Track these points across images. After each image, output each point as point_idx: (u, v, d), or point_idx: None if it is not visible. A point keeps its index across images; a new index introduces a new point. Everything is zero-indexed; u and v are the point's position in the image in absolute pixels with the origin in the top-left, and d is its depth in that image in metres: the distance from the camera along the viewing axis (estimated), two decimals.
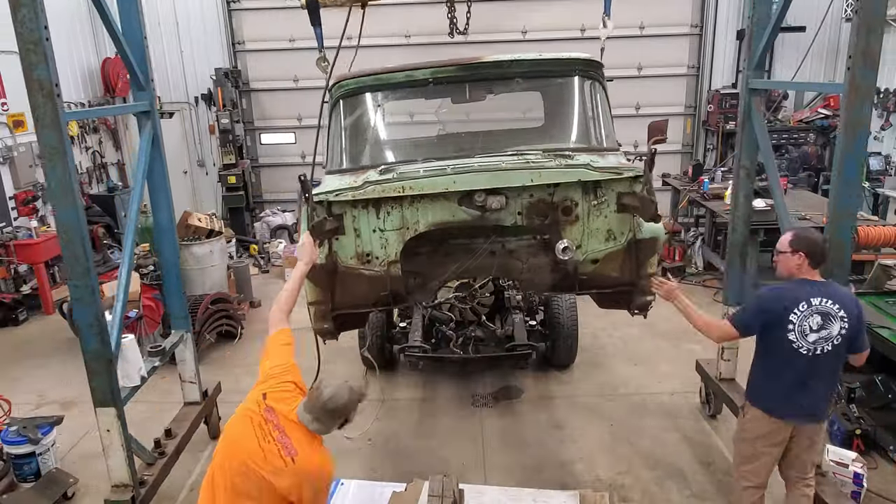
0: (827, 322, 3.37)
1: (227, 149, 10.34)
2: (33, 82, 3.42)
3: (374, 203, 3.65)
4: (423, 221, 3.67)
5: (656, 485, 4.55)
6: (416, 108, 5.14)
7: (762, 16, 4.81)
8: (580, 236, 3.77)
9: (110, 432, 3.93)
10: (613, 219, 3.75)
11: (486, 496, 3.97)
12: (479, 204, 3.54)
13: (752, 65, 4.82)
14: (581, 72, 4.49)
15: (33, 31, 3.32)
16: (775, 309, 3.42)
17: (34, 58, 3.38)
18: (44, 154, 3.49)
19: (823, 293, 3.39)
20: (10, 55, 8.74)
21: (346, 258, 3.77)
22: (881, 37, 3.40)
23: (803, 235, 3.54)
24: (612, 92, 4.76)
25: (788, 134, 11.14)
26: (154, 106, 4.73)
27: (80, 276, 3.70)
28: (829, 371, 3.48)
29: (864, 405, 4.97)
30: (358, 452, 5.05)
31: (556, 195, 3.68)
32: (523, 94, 4.85)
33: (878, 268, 5.94)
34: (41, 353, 7.03)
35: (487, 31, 10.74)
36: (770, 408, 3.53)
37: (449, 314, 5.80)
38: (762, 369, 3.60)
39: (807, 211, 7.55)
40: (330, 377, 3.06)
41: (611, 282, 3.92)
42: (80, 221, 3.58)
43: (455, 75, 4.31)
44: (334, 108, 4.47)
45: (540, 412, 5.54)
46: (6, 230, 7.98)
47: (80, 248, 3.60)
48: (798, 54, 10.59)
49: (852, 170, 3.60)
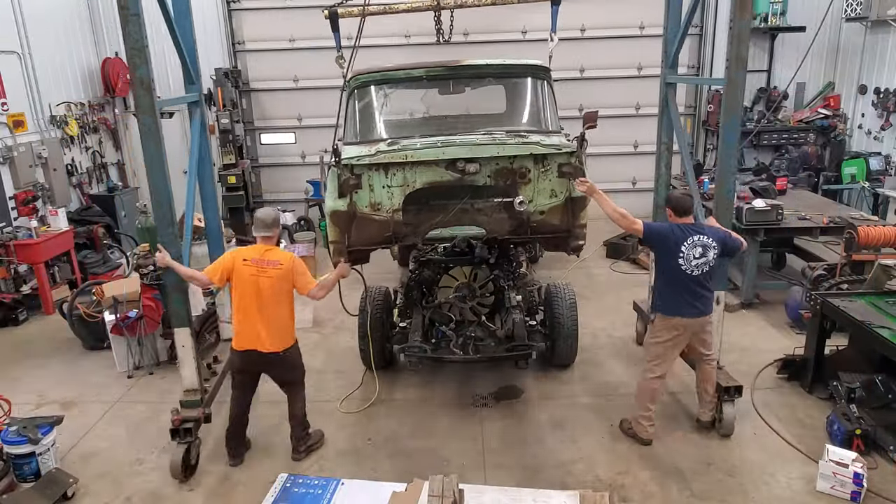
0: (705, 251, 4.64)
1: (227, 149, 10.34)
2: (136, 79, 4.51)
3: (385, 167, 4.74)
4: (419, 180, 4.80)
5: (656, 485, 4.55)
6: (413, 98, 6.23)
7: (674, 23, 6.04)
8: (531, 194, 4.92)
9: (185, 347, 4.95)
10: (555, 182, 4.92)
11: (486, 496, 3.97)
12: (460, 169, 4.70)
13: (668, 63, 6.16)
14: (533, 74, 5.84)
15: (137, 40, 4.44)
16: (671, 239, 4.66)
17: (138, 61, 4.47)
18: (142, 132, 4.58)
19: (698, 231, 4.69)
20: (10, 55, 8.86)
21: (362, 207, 4.87)
22: (748, 46, 4.77)
23: (670, 196, 5.11)
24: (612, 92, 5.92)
25: (788, 134, 11.14)
26: (202, 96, 6.17)
27: (166, 226, 4.86)
28: (710, 281, 4.77)
29: (864, 405, 4.97)
30: (358, 452, 5.05)
31: (514, 163, 4.83)
32: (492, 88, 6.19)
33: (878, 268, 5.93)
34: (41, 353, 7.03)
35: (488, 31, 10.78)
36: (674, 313, 4.77)
37: (449, 314, 5.81)
38: (664, 289, 4.83)
39: (807, 211, 7.54)
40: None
41: (553, 229, 5.10)
42: (167, 186, 4.78)
43: (441, 74, 5.73)
44: (351, 95, 5.69)
45: (540, 412, 5.54)
46: (6, 230, 7.98)
47: (167, 205, 4.80)
48: (798, 54, 10.60)
49: (732, 137, 4.93)
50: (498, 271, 6.07)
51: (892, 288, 5.72)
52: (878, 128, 10.24)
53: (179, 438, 4.79)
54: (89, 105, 10.60)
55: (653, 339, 4.92)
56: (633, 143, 11.67)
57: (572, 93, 11.32)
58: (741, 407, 5.47)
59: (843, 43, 11.09)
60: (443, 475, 3.48)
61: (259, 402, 5.88)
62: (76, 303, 6.79)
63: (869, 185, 9.66)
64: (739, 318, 7.33)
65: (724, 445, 4.97)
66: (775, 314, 7.32)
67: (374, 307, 6.00)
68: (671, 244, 4.66)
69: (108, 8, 11.03)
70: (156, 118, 4.52)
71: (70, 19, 10.38)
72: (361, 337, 6.03)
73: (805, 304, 6.13)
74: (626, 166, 11.60)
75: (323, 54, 10.99)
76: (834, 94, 11.24)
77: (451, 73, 5.77)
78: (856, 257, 6.64)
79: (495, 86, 6.18)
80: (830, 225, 7.10)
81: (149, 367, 6.51)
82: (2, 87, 8.54)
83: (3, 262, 7.74)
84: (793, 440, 4.99)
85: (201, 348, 6.67)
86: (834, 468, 4.32)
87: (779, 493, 4.42)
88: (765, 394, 5.70)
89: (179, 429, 4.80)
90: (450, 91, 5.92)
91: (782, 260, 8.79)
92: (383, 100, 5.82)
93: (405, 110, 6.16)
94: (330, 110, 11.28)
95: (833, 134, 10.99)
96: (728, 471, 4.67)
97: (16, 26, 8.95)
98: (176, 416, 4.83)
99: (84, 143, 10.39)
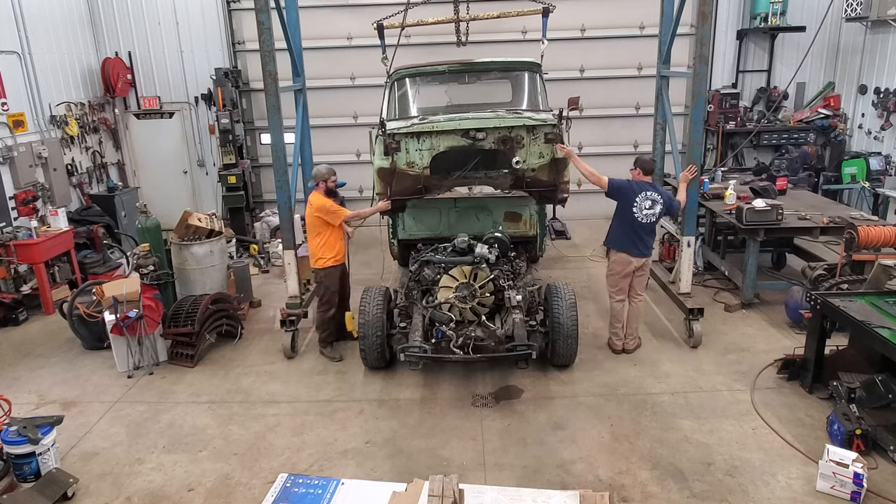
0: (654, 205, 6.13)
1: (227, 149, 10.33)
2: (266, 72, 6.46)
3: (417, 135, 6.17)
4: (443, 145, 6.21)
5: (656, 485, 4.56)
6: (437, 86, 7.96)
7: (668, 21, 7.66)
8: (525, 155, 6.24)
9: (290, 264, 6.90)
10: (543, 146, 6.25)
11: (486, 496, 3.96)
12: (472, 136, 6.12)
13: (661, 59, 8.04)
14: (528, 68, 7.56)
15: (267, 44, 6.36)
16: (631, 192, 6.16)
17: (267, 58, 6.41)
18: (268, 109, 6.54)
19: (652, 189, 6.19)
20: (10, 55, 8.86)
21: (400, 164, 6.28)
22: (710, 47, 6.77)
23: (638, 159, 6.40)
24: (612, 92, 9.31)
25: (788, 134, 11.14)
26: (305, 85, 8.51)
27: (281, 175, 6.73)
28: (652, 231, 6.31)
29: (864, 405, 4.97)
30: (358, 452, 5.05)
31: (512, 132, 6.17)
32: (497, 80, 7.98)
33: (878, 268, 5.93)
34: (41, 353, 7.03)
35: (488, 31, 10.77)
36: (624, 250, 6.26)
37: (449, 314, 5.81)
38: (619, 230, 6.30)
39: (807, 211, 7.54)
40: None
41: (543, 184, 6.46)
42: (282, 144, 6.64)
43: (459, 69, 7.57)
44: (392, 85, 7.41)
45: (540, 412, 5.54)
46: (6, 230, 7.98)
47: (283, 156, 6.66)
48: (798, 54, 10.61)
49: (699, 115, 6.60)
50: (498, 271, 6.08)
51: (892, 288, 5.72)
52: (878, 128, 10.25)
53: (286, 327, 6.65)
54: (89, 105, 10.61)
55: (610, 272, 6.46)
56: (634, 143, 11.66)
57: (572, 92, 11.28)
58: (742, 407, 5.50)
59: (843, 43, 11.09)
60: (443, 475, 3.47)
61: (259, 401, 5.90)
62: (76, 303, 6.79)
63: (869, 185, 9.66)
64: (739, 318, 7.34)
65: (724, 445, 4.97)
66: (775, 314, 7.33)
67: (374, 307, 6.01)
68: (629, 196, 6.13)
69: (108, 8, 11.05)
70: (277, 98, 6.55)
71: (70, 19, 10.39)
72: (361, 337, 6.03)
73: (805, 304, 6.13)
74: (626, 166, 11.53)
75: (323, 54, 11.03)
76: (834, 94, 11.24)
77: (466, 68, 7.58)
78: (856, 257, 6.65)
79: (499, 77, 7.88)
80: (830, 225, 7.09)
81: (149, 366, 6.51)
82: (2, 87, 8.54)
83: (3, 262, 7.74)
84: (793, 440, 4.99)
85: (200, 348, 6.70)
86: (834, 468, 4.31)
87: (779, 493, 4.42)
88: (765, 394, 5.70)
89: (286, 320, 6.64)
90: (465, 82, 7.78)
91: (782, 260, 8.79)
92: (416, 88, 7.56)
93: (432, 96, 7.79)
94: (330, 110, 11.44)
95: (833, 134, 10.99)
96: (728, 471, 4.67)
97: (16, 26, 8.96)
98: (284, 311, 6.70)
99: (84, 143, 10.40)
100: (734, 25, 11.37)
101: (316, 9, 10.74)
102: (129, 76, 11.21)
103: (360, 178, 11.57)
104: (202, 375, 6.42)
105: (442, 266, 6.09)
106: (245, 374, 6.41)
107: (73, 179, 9.98)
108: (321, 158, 10.23)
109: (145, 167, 11.74)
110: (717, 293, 8.05)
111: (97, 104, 10.84)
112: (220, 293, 7.35)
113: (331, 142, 11.28)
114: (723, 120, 11.22)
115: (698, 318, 6.65)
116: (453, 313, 5.84)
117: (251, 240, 10.35)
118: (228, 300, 7.37)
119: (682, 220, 7.00)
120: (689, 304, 6.73)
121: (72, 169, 9.96)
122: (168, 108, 11.44)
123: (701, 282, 8.35)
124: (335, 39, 11.19)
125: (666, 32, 7.82)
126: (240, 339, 7.18)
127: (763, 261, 8.35)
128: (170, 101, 11.45)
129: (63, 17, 10.18)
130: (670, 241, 8.54)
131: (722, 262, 8.34)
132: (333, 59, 11.21)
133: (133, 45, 11.22)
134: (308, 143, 8.69)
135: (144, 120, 11.47)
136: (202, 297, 6.91)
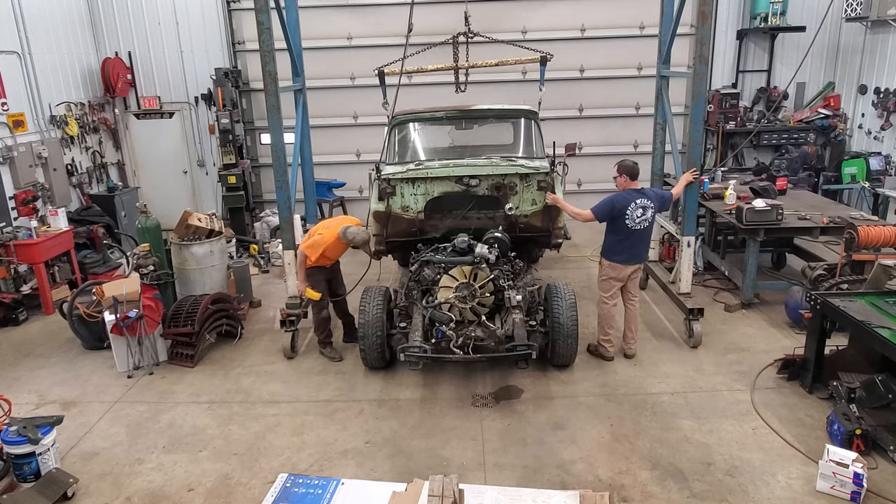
0: (645, 211, 5.98)
1: (227, 149, 10.33)
2: (266, 72, 6.43)
3: (412, 180, 6.41)
4: (437, 190, 6.46)
5: (656, 485, 4.55)
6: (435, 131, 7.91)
7: (668, 21, 7.69)
8: (518, 202, 6.49)
9: (290, 264, 6.83)
10: (536, 193, 6.48)
11: (486, 496, 3.96)
12: (466, 183, 6.36)
13: (661, 59, 8.04)
14: (524, 116, 7.49)
15: (267, 44, 6.33)
16: (618, 207, 5.95)
17: (267, 58, 6.39)
18: (268, 108, 6.53)
19: (641, 195, 5.99)
20: (10, 55, 8.86)
21: (395, 208, 6.52)
22: (710, 47, 6.69)
23: (622, 163, 6.12)
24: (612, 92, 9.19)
25: (788, 134, 11.14)
26: (304, 85, 8.49)
27: (281, 175, 6.72)
28: (648, 236, 6.25)
29: (864, 405, 4.97)
30: (358, 452, 5.05)
31: (506, 179, 6.40)
32: (494, 125, 7.94)
33: (878, 268, 5.93)
34: (41, 353, 7.03)
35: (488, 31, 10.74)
36: (618, 260, 6.16)
37: (449, 314, 5.81)
38: (612, 240, 6.17)
39: (807, 211, 7.54)
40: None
41: (536, 230, 6.68)
42: (282, 143, 6.62)
43: (456, 115, 7.57)
44: (391, 130, 7.32)
45: (540, 412, 5.54)
46: (6, 230, 7.97)
47: (283, 156, 6.66)
48: (798, 54, 10.61)
49: (698, 114, 6.59)
50: (498, 271, 6.08)
51: (892, 288, 5.72)
52: (878, 128, 10.25)
53: (286, 328, 6.62)
54: (89, 105, 10.61)
55: (602, 277, 6.34)
56: (633, 143, 11.67)
57: (572, 93, 11.34)
58: (742, 407, 5.50)
59: (843, 43, 11.09)
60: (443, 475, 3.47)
61: (259, 401, 5.90)
62: (76, 303, 6.79)
63: (869, 185, 9.66)
64: (739, 318, 7.34)
65: (724, 445, 4.97)
66: (775, 314, 7.33)
67: (374, 307, 6.01)
68: (618, 212, 5.96)
69: (108, 8, 11.05)
70: (277, 98, 6.55)
71: (70, 19, 10.39)
72: (361, 337, 6.03)
73: (805, 304, 6.13)
74: None
75: (323, 54, 11.03)
76: (834, 94, 11.24)
77: (463, 115, 7.61)
78: (856, 257, 6.64)
79: (497, 124, 7.91)
80: (830, 225, 7.09)
81: (149, 366, 6.51)
82: (2, 87, 8.54)
83: (3, 262, 7.74)
84: (793, 440, 4.99)
85: (200, 348, 6.70)
86: (834, 468, 4.31)
87: (779, 493, 4.42)
88: (765, 394, 5.70)
89: (286, 320, 6.62)
90: (463, 128, 7.85)
91: (782, 260, 8.79)
92: (414, 133, 7.57)
93: (430, 140, 7.76)
94: (330, 110, 11.43)
95: (833, 134, 10.99)
96: (728, 471, 4.67)
97: (16, 26, 8.96)
98: (283, 311, 6.70)
99: (84, 143, 10.40)
100: (734, 25, 11.37)
101: (316, 9, 10.75)
102: (129, 76, 11.21)
103: (360, 178, 11.56)
104: (202, 375, 6.42)
105: (442, 266, 6.08)
106: (245, 374, 6.41)
107: (73, 179, 9.98)
108: (321, 158, 10.27)
109: (145, 167, 11.74)
110: (717, 293, 8.05)
111: (97, 104, 10.84)
112: (220, 293, 7.35)
113: (331, 142, 11.29)
114: (723, 120, 11.22)
115: (698, 318, 6.65)
116: (453, 313, 5.83)
117: (251, 240, 10.35)
118: (228, 300, 7.37)
119: (682, 220, 7.00)
120: (689, 304, 6.74)
121: (72, 169, 9.96)
122: (168, 108, 11.44)
123: (701, 282, 8.35)
124: (335, 39, 11.19)
125: (666, 32, 7.84)
126: (240, 339, 7.18)
127: (763, 261, 8.35)
128: (170, 101, 11.45)
129: (63, 17, 10.18)
130: (670, 241, 8.54)
131: (722, 262, 8.34)
132: (333, 59, 11.21)
133: (133, 45, 11.22)
134: (308, 143, 8.74)
135: (144, 120, 11.48)
136: (202, 297, 6.91)
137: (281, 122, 6.58)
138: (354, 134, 11.53)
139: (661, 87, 8.09)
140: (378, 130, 7.71)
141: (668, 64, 8.02)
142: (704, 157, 11.61)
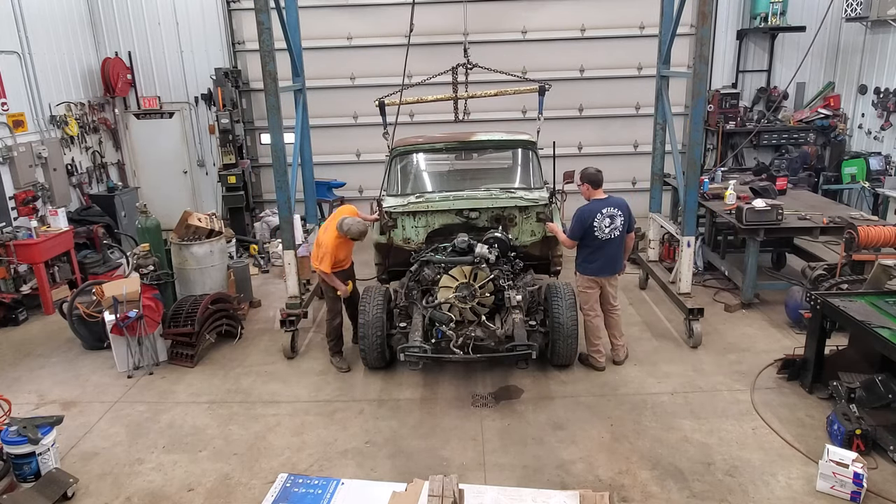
0: (613, 219, 5.90)
1: (227, 149, 10.32)
2: (266, 72, 6.41)
3: (413, 213, 6.59)
4: (437, 222, 6.65)
5: (656, 485, 4.55)
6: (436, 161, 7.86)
7: (668, 22, 7.76)
8: (518, 233, 6.63)
9: (291, 265, 6.91)
10: (534, 224, 6.65)
11: (486, 496, 3.97)
12: (466, 215, 6.59)
13: (661, 59, 8.11)
14: (523, 146, 7.41)
15: (267, 44, 6.31)
16: (586, 221, 5.89)
17: (267, 58, 6.37)
18: (268, 108, 6.51)
19: (607, 204, 5.92)
20: (10, 55, 8.86)
21: (397, 240, 6.68)
22: (710, 47, 7.06)
23: (584, 173, 6.05)
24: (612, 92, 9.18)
25: (788, 134, 11.14)
26: (304, 85, 8.53)
27: (281, 175, 6.73)
28: (620, 245, 6.04)
29: (864, 405, 4.97)
30: (358, 452, 5.05)
31: (505, 211, 6.60)
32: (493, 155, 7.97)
33: (878, 268, 5.93)
34: (41, 353, 7.03)
35: (487, 31, 10.77)
36: (592, 273, 6.09)
37: (449, 314, 5.81)
38: (585, 253, 6.08)
39: (807, 211, 7.54)
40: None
41: (535, 258, 6.87)
42: (282, 143, 6.61)
43: (456, 146, 7.57)
44: (392, 161, 7.30)
45: (540, 412, 5.54)
46: (6, 230, 7.97)
47: (282, 156, 6.66)
48: (798, 54, 10.61)
49: (698, 114, 6.60)
50: (498, 271, 6.07)
51: (892, 288, 5.72)
52: (878, 128, 10.25)
53: (286, 328, 6.61)
54: (89, 105, 10.61)
55: (580, 290, 6.22)
56: (633, 143, 11.67)
57: (572, 93, 11.33)
58: (742, 407, 5.50)
59: (843, 43, 11.09)
60: (443, 475, 3.48)
61: (259, 401, 5.90)
62: (76, 303, 6.79)
63: (869, 185, 9.66)
64: (739, 318, 7.34)
65: (723, 445, 4.97)
66: (775, 314, 7.33)
67: (374, 307, 6.01)
68: (588, 225, 5.90)
69: (108, 8, 11.05)
70: (277, 98, 6.53)
71: (70, 19, 10.39)
72: (362, 337, 6.03)
73: (805, 304, 6.13)
74: (626, 166, 11.59)
75: (323, 54, 11.03)
76: (834, 94, 11.24)
77: (462, 146, 7.61)
78: (856, 257, 6.64)
79: (496, 154, 7.91)
80: (830, 225, 7.09)
81: (149, 366, 6.51)
82: (2, 87, 8.54)
83: (3, 262, 7.74)
84: (793, 440, 4.99)
85: (200, 348, 6.70)
86: (834, 468, 4.31)
87: (779, 493, 4.42)
88: (765, 394, 5.70)
89: (286, 320, 6.60)
90: (462, 158, 7.95)
91: (782, 260, 8.79)
92: (415, 163, 7.56)
93: (430, 168, 7.76)
94: (330, 110, 11.43)
95: (833, 134, 10.99)
96: (728, 471, 4.67)
97: (16, 26, 8.96)
98: (283, 311, 6.67)
99: (84, 143, 10.40)
100: (734, 25, 11.36)
101: (316, 9, 10.74)
102: (129, 76, 11.21)
103: (360, 178, 11.58)
104: (202, 375, 6.42)
105: (442, 266, 6.08)
106: (245, 374, 6.41)
107: (72, 179, 9.98)
108: (321, 158, 10.27)
109: (145, 167, 11.74)
110: (717, 293, 8.05)
111: (97, 104, 10.84)
112: (220, 293, 7.35)
113: (331, 142, 11.29)
114: (723, 120, 11.21)
115: (698, 318, 6.65)
116: (453, 313, 5.83)
117: (251, 240, 10.35)
118: (228, 300, 7.37)
119: (682, 220, 6.99)
120: (689, 304, 6.74)
121: (72, 169, 9.96)
122: (168, 108, 11.44)
123: (701, 282, 8.35)
124: (335, 39, 11.19)
125: (666, 32, 7.90)
126: (240, 339, 7.18)
127: (763, 261, 8.34)
128: (170, 101, 11.45)
129: (63, 17, 10.18)
130: (670, 241, 8.54)
131: (722, 262, 8.34)
132: (333, 59, 11.21)
133: (133, 45, 11.22)
134: (308, 143, 8.76)
135: (144, 120, 11.47)
136: (202, 297, 6.91)
137: (281, 122, 6.56)
138: (354, 134, 11.53)
139: (661, 87, 8.16)
140: (378, 130, 7.59)
141: (668, 64, 8.07)
142: (704, 157, 11.60)
